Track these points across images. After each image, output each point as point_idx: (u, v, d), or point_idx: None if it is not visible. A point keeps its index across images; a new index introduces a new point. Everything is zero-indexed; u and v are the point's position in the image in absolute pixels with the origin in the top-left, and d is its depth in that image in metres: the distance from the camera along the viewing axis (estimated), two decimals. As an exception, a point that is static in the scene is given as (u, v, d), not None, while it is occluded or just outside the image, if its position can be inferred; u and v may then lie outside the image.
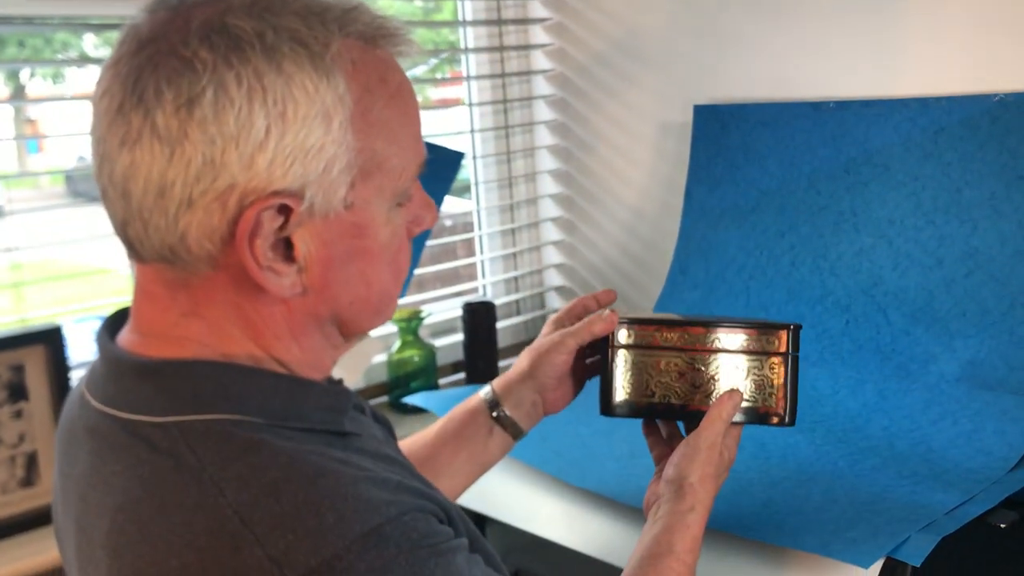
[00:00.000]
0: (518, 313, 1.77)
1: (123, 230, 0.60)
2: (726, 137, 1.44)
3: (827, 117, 1.34)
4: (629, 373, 0.85)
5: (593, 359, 0.92)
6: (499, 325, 1.60)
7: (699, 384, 0.84)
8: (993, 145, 1.18)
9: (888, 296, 1.23)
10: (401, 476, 0.62)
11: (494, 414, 0.91)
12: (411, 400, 1.27)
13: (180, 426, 0.58)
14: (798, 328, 0.84)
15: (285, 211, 0.58)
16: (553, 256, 1.78)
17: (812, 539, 0.83)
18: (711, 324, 0.84)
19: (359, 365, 1.33)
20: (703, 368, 0.83)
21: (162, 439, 0.58)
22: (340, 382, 0.71)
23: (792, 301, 1.32)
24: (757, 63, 1.43)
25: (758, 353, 0.83)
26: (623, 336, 0.85)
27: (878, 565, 0.80)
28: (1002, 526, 0.85)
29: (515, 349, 1.71)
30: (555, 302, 1.80)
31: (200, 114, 0.55)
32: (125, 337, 0.64)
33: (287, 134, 0.56)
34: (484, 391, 0.93)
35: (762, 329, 0.84)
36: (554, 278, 1.79)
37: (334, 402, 0.65)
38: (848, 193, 1.30)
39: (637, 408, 0.86)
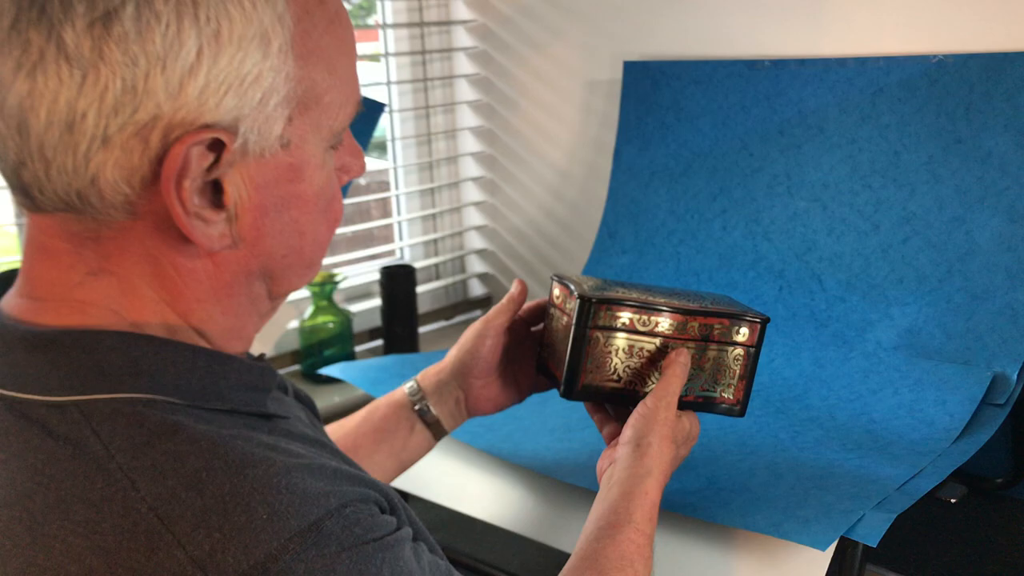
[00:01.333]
0: (438, 277, 1.69)
1: (15, 173, 0.50)
2: (657, 95, 1.38)
3: (761, 76, 1.29)
4: (598, 355, 0.79)
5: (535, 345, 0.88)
6: (418, 290, 1.52)
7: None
8: (931, 107, 1.15)
9: (823, 262, 1.20)
10: (337, 462, 0.55)
11: (416, 408, 0.85)
12: (327, 371, 1.19)
13: (81, 407, 0.50)
14: (766, 322, 0.81)
15: (216, 148, 0.50)
16: (474, 218, 1.71)
17: (762, 519, 0.79)
18: (693, 313, 0.79)
19: (272, 334, 1.24)
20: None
21: (59, 422, 0.49)
22: (261, 357, 0.63)
23: (724, 267, 1.28)
24: (690, 19, 1.37)
25: (726, 343, 0.80)
26: (594, 316, 0.78)
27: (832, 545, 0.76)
28: (952, 501, 0.83)
29: (435, 315, 1.64)
30: (476, 266, 1.73)
31: (119, 31, 0.46)
32: (12, 303, 0.55)
33: (221, 57, 0.49)
34: (409, 384, 0.87)
35: (733, 319, 0.80)
36: (475, 241, 1.72)
37: (258, 380, 0.57)
38: (782, 155, 1.26)
39: (600, 392, 0.80)
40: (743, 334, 0.80)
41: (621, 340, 0.79)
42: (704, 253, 1.31)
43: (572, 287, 0.81)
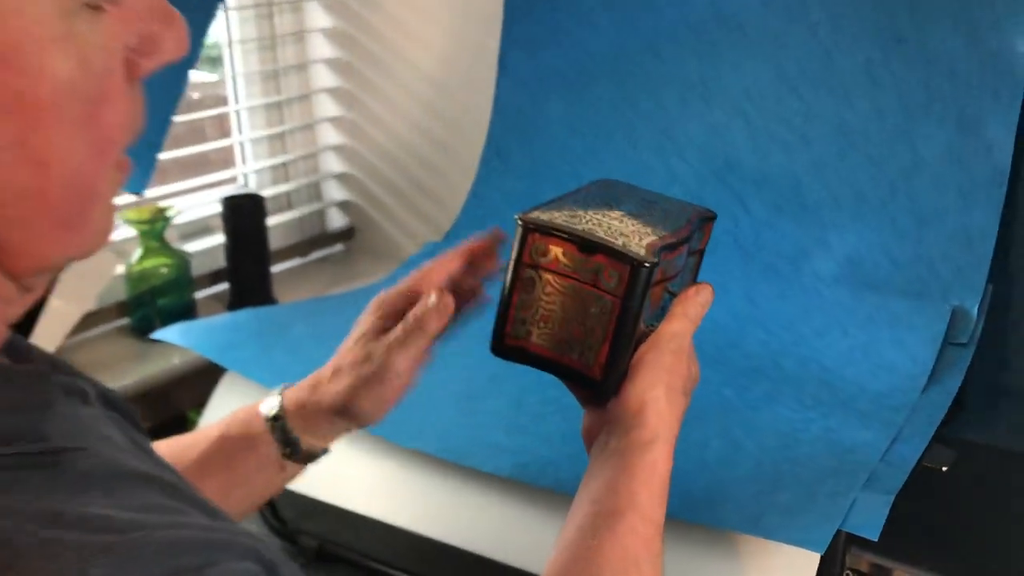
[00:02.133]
0: (289, 207, 1.46)
1: None
2: (548, -12, 1.18)
3: (670, -34, 1.11)
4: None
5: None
6: (268, 222, 1.29)
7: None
8: (868, 1, 1.00)
9: (747, 182, 1.05)
10: (176, 514, 0.35)
11: (287, 450, 0.65)
12: (162, 335, 0.95)
13: None
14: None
15: None
16: (331, 136, 1.47)
17: (735, 513, 0.64)
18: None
19: (90, 288, 0.98)
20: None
21: None
22: (29, 351, 0.41)
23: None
24: None
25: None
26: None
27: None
28: (944, 469, 0.70)
29: (288, 252, 1.41)
30: (335, 192, 1.50)
31: None
32: None
33: None
34: (270, 408, 0.65)
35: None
36: (333, 163, 1.49)
37: (24, 395, 0.36)
38: (697, 59, 1.09)
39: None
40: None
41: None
42: (609, 174, 1.13)
43: (612, 245, 0.55)
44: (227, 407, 0.90)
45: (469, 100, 1.31)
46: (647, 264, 0.53)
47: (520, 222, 0.56)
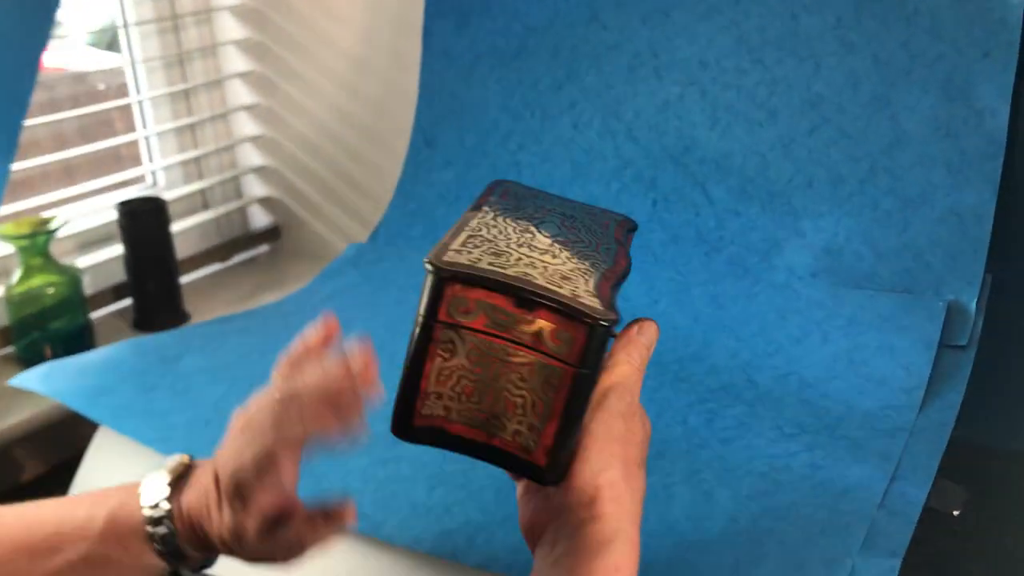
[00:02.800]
0: (205, 207, 1.31)
1: None
2: (475, -48, 1.04)
3: (611, -80, 0.97)
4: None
5: None
6: (176, 228, 1.14)
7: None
8: (836, -48, 0.87)
9: (707, 165, 0.92)
10: None
11: (158, 548, 0.51)
12: (19, 382, 0.79)
13: None
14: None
15: None
16: (246, 126, 1.33)
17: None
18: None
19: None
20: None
21: None
22: None
23: (579, 177, 0.98)
24: None
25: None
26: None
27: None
28: (955, 513, 0.58)
29: (206, 257, 1.27)
30: (255, 188, 1.35)
31: None
32: None
33: None
34: (153, 505, 0.51)
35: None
36: (251, 156, 1.34)
37: None
38: (645, 26, 0.96)
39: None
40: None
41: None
42: (552, 161, 1.00)
43: (559, 299, 0.42)
44: (102, 473, 0.76)
45: (393, 80, 1.17)
46: (604, 323, 0.41)
47: (432, 269, 0.42)
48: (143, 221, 1.08)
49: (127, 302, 1.13)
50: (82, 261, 1.10)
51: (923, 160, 0.83)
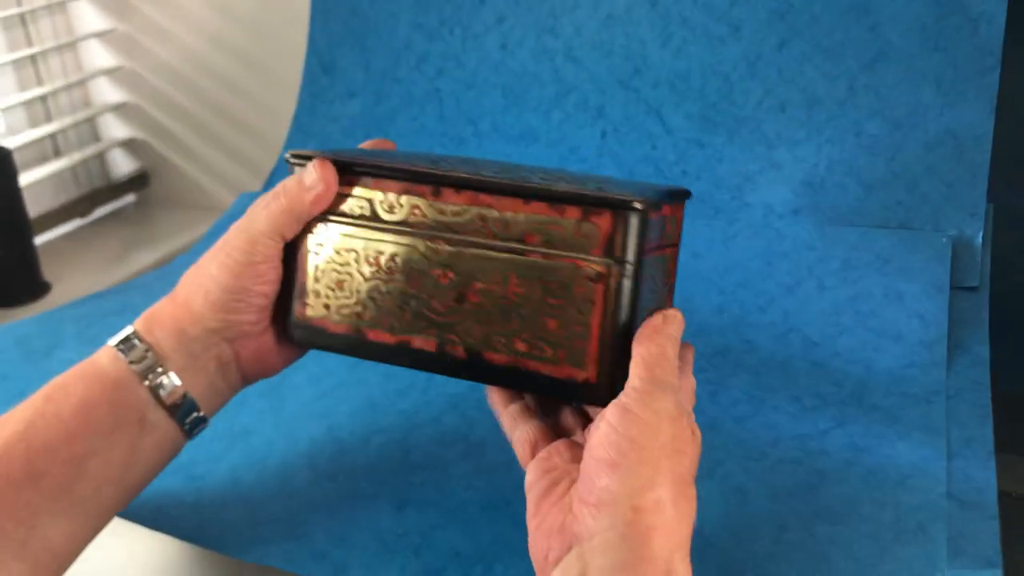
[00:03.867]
0: (57, 155, 1.11)
1: None
2: None
3: None
4: (385, 285, 0.44)
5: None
6: (24, 181, 0.96)
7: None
8: None
9: (661, 88, 0.80)
10: None
11: (149, 383, 0.44)
12: None
13: None
14: (649, 210, 0.39)
15: None
16: (100, 56, 1.13)
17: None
18: (487, 188, 0.41)
19: None
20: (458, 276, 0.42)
21: None
22: None
23: (512, 107, 0.85)
24: None
25: (563, 257, 0.41)
26: (378, 200, 0.44)
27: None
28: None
29: (59, 215, 1.08)
30: (115, 129, 1.16)
31: None
32: None
33: None
34: (125, 340, 0.44)
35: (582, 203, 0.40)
36: (107, 91, 1.14)
37: None
38: (580, -74, 0.82)
39: (381, 350, 0.45)
40: (595, 247, 0.40)
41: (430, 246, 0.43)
42: (478, 88, 0.86)
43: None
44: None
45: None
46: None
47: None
48: (-19, 176, 0.89)
49: (-32, 274, 0.94)
50: (-94, 229, 0.90)
51: (910, 76, 0.73)
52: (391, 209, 0.43)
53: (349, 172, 0.44)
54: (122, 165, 1.17)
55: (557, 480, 0.40)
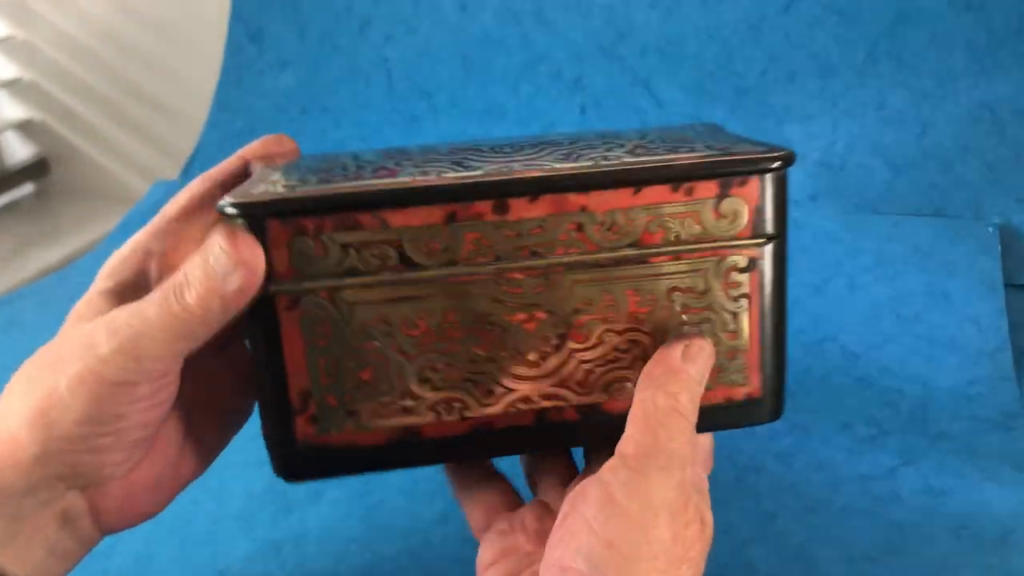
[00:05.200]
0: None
1: None
2: None
3: None
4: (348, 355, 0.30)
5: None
6: None
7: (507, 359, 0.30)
8: None
9: (650, 56, 0.70)
10: None
11: None
12: None
13: None
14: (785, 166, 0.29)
15: None
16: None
17: None
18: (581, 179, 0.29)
19: None
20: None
21: None
22: None
23: (474, 78, 0.73)
24: None
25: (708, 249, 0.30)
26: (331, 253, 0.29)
27: None
28: None
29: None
30: (7, 110, 1.01)
31: None
32: None
33: None
34: None
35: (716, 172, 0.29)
36: (-3, 66, 1.00)
37: None
38: None
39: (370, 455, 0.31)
40: (740, 218, 0.30)
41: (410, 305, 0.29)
42: (433, 56, 0.74)
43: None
44: None
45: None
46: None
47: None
48: None
49: None
50: None
51: (938, 40, 0.63)
52: (430, 246, 0.28)
53: (344, 209, 0.28)
54: (17, 150, 1.03)
55: (517, 572, 0.30)
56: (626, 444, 0.27)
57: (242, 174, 0.32)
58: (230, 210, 0.28)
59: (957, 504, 0.41)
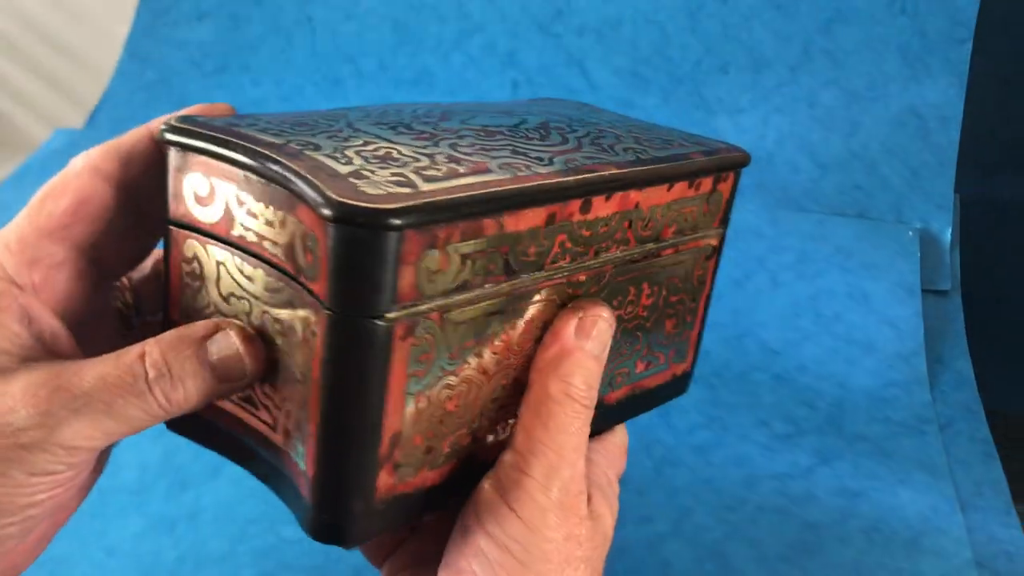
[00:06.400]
0: None
1: None
2: None
3: None
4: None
5: None
6: None
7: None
8: None
9: (587, 36, 0.68)
10: None
11: None
12: None
13: None
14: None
15: None
16: None
17: None
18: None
19: None
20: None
21: None
22: None
23: (404, 45, 0.71)
24: None
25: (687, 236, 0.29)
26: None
27: None
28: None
29: None
30: None
31: None
32: None
33: None
34: None
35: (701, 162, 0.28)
36: None
37: None
38: None
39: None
40: (713, 203, 0.29)
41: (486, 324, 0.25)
42: (361, 20, 0.72)
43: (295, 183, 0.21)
44: None
45: None
46: (350, 215, 0.20)
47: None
48: None
49: None
50: None
51: (872, 42, 0.64)
52: (528, 251, 0.24)
53: (475, 215, 0.22)
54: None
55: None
56: (516, 436, 0.25)
57: (151, 151, 0.25)
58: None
59: (870, 506, 0.41)
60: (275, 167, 0.21)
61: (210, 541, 0.38)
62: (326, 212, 0.20)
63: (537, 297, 0.25)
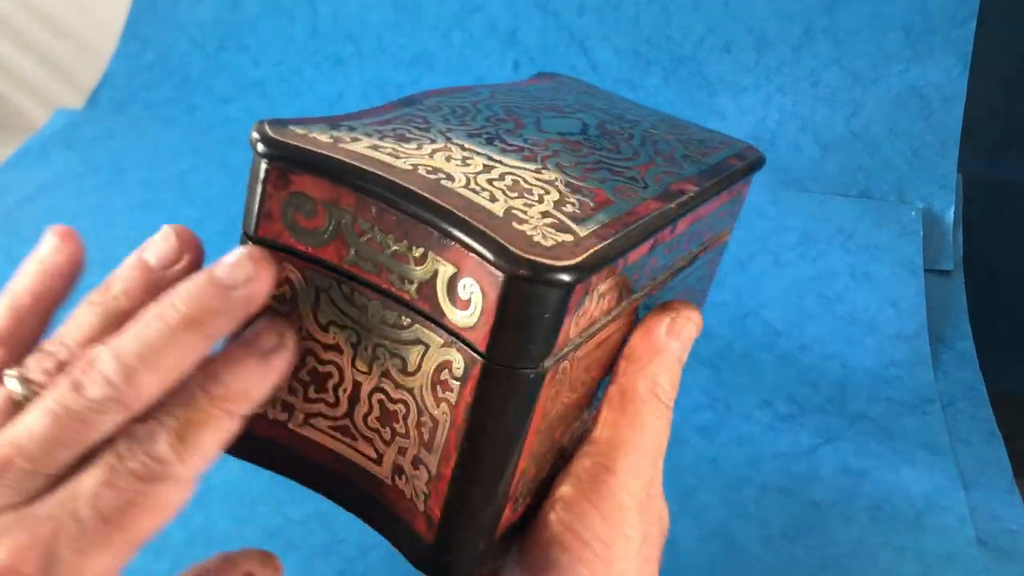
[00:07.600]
0: None
1: None
2: None
3: None
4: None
5: None
6: None
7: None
8: None
9: (588, 15, 0.68)
10: None
11: None
12: None
13: None
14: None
15: None
16: None
17: None
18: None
19: None
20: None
21: None
22: None
23: (403, 24, 0.71)
24: None
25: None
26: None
27: None
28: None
29: None
30: None
31: None
32: None
33: None
34: None
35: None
36: None
37: None
38: None
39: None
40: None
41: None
42: (358, 3, 0.71)
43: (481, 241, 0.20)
44: None
45: None
46: (531, 273, 0.19)
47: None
48: None
49: None
50: None
51: (875, 21, 0.63)
52: (637, 278, 0.24)
53: (623, 252, 0.22)
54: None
55: None
56: (598, 432, 0.25)
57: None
58: (542, 274, 0.20)
59: (874, 485, 0.41)
60: (421, 208, 0.20)
61: (218, 521, 0.38)
62: (507, 267, 0.19)
63: (625, 318, 0.24)
